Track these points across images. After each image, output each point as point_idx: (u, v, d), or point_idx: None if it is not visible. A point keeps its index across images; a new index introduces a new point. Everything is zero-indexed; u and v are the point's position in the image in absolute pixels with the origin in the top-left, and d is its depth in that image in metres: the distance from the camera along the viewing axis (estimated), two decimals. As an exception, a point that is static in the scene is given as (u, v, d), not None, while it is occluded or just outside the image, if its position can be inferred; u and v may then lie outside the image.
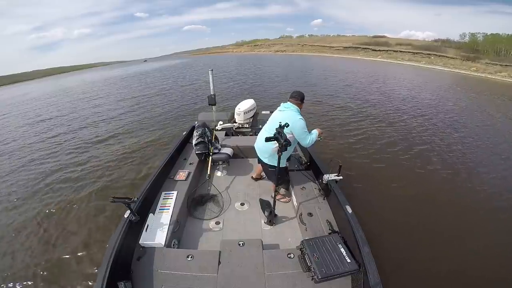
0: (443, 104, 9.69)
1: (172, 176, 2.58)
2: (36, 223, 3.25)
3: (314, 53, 69.21)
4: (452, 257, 2.55)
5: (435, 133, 6.29)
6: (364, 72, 21.97)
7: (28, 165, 5.18)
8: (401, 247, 2.62)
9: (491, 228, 3.01)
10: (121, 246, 1.54)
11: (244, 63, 33.93)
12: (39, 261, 2.64)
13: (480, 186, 3.89)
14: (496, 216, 3.22)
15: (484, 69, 29.04)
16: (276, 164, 2.07)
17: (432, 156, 4.91)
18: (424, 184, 3.95)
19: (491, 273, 2.38)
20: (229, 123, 3.88)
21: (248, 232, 2.13)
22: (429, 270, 2.39)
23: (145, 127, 7.18)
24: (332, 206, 2.10)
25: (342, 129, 6.38)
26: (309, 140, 2.09)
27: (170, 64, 42.63)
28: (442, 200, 3.52)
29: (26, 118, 10.09)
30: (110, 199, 1.63)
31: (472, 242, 2.77)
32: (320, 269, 1.43)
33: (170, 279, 1.51)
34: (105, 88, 17.98)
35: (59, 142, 6.51)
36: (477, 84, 18.65)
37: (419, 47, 48.81)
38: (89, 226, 3.11)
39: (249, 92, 11.77)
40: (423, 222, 3.05)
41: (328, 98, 10.15)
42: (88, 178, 4.32)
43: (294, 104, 2.16)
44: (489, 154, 5.11)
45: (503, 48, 37.74)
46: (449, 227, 2.98)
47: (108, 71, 44.70)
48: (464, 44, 45.73)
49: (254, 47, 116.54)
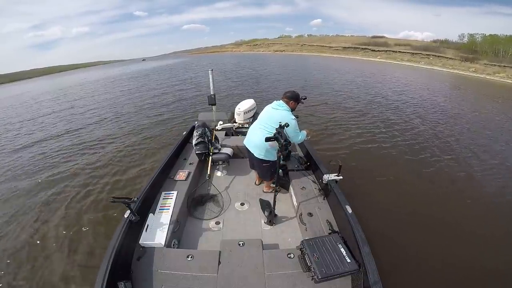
0: (445, 105, 9.70)
1: (172, 176, 2.58)
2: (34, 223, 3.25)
3: (313, 53, 69.23)
4: (453, 256, 2.56)
5: (436, 134, 6.30)
6: (365, 72, 22.00)
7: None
8: (402, 247, 2.62)
9: (495, 227, 3.01)
10: (121, 246, 1.54)
11: (244, 62, 33.91)
12: (38, 262, 2.64)
13: (485, 185, 3.91)
14: (501, 214, 3.24)
15: (483, 70, 29.16)
16: (270, 159, 2.24)
17: (432, 156, 4.93)
18: (425, 183, 3.97)
19: (492, 272, 2.39)
20: (229, 123, 3.88)
21: (248, 232, 2.13)
22: (430, 269, 2.40)
23: (145, 127, 7.17)
24: (332, 206, 2.10)
25: (342, 129, 6.39)
26: (300, 137, 2.32)
27: (169, 64, 42.48)
28: (443, 199, 3.53)
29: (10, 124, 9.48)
30: (110, 199, 1.63)
31: (474, 240, 2.78)
32: (320, 269, 1.43)
33: (170, 279, 1.51)
34: (102, 89, 17.92)
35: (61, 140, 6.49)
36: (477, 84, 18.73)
37: (418, 48, 48.92)
38: (89, 226, 3.10)
39: (249, 92, 11.78)
40: (424, 221, 3.05)
41: (329, 99, 10.16)
42: (88, 178, 4.31)
43: (287, 104, 2.23)
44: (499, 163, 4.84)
45: (502, 49, 37.88)
46: (450, 226, 2.99)
47: (106, 70, 44.47)
48: (463, 45, 45.87)
49: (253, 46, 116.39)
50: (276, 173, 1.98)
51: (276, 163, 2.16)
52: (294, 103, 2.28)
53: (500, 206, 3.42)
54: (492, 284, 2.33)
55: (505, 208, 3.40)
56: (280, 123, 1.81)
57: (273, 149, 2.15)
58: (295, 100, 2.28)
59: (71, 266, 2.54)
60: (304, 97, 2.41)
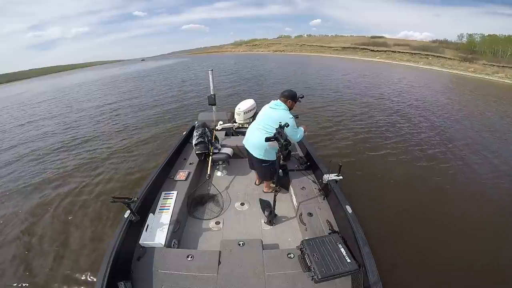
0: (445, 106, 9.70)
1: (172, 176, 2.58)
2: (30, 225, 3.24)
3: (312, 53, 69.30)
4: (453, 255, 2.57)
5: (437, 134, 6.30)
6: (365, 72, 22.02)
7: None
8: (402, 247, 2.63)
9: (496, 227, 3.02)
10: (121, 246, 1.54)
11: (243, 62, 33.90)
12: (37, 259, 2.63)
13: (485, 185, 3.91)
14: (502, 214, 3.25)
15: (482, 70, 29.26)
16: (270, 159, 2.24)
17: (433, 156, 4.94)
18: (426, 183, 3.97)
19: (492, 272, 2.40)
20: (229, 123, 3.88)
21: (248, 232, 2.13)
22: (430, 269, 2.40)
23: (143, 127, 7.16)
24: (332, 206, 2.10)
25: (343, 129, 6.39)
26: (299, 135, 2.31)
27: (168, 64, 42.43)
28: (444, 199, 3.54)
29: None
30: (110, 199, 1.63)
31: (475, 240, 2.79)
32: (320, 269, 1.43)
33: (170, 279, 1.51)
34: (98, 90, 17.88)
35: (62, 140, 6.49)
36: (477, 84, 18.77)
37: (417, 48, 49.04)
38: (88, 227, 3.10)
39: (249, 92, 11.77)
40: (424, 221, 3.06)
41: (329, 99, 10.17)
42: (88, 178, 4.30)
43: (284, 103, 2.24)
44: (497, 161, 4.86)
45: (500, 49, 37.99)
46: (450, 226, 2.99)
47: (104, 70, 44.35)
48: (462, 45, 46.02)
49: (253, 46, 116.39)
50: (276, 173, 1.98)
51: (275, 162, 2.17)
52: (291, 102, 2.29)
53: (501, 206, 3.42)
54: (492, 283, 2.33)
55: (506, 208, 3.40)
56: (280, 123, 1.81)
57: (272, 148, 2.16)
58: (293, 99, 2.29)
59: (71, 266, 2.54)
60: (302, 96, 2.41)
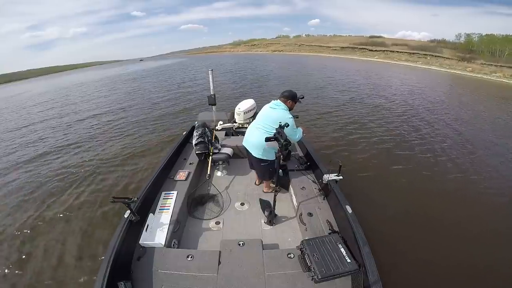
0: (446, 106, 9.73)
1: (172, 176, 2.57)
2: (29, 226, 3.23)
3: (311, 53, 69.36)
4: (454, 255, 2.58)
5: (438, 134, 6.32)
6: (365, 72, 22.06)
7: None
8: (402, 247, 2.63)
9: (496, 227, 3.03)
10: (121, 246, 1.54)
11: (242, 62, 33.84)
12: (37, 262, 2.62)
13: (485, 185, 3.93)
14: (502, 213, 3.26)
15: (480, 69, 29.38)
16: (269, 158, 2.24)
17: (433, 156, 4.95)
18: (426, 183, 3.98)
19: (492, 271, 2.41)
20: (229, 123, 3.88)
21: (248, 232, 2.13)
22: (430, 269, 2.41)
23: (144, 127, 7.14)
24: (332, 206, 2.10)
25: (343, 129, 6.40)
26: (298, 136, 2.33)
27: (167, 64, 42.32)
28: (444, 199, 3.55)
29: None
30: (110, 199, 1.63)
31: (475, 240, 2.80)
32: (320, 269, 1.44)
33: (170, 279, 1.51)
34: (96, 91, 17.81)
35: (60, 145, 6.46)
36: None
37: (415, 48, 49.20)
38: (88, 227, 3.09)
39: (248, 92, 11.77)
40: (424, 221, 3.07)
41: (328, 98, 10.19)
42: (86, 178, 4.29)
43: (284, 103, 2.25)
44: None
45: (498, 48, 38.15)
46: (451, 226, 3.00)
47: (103, 71, 44.22)
48: (460, 44, 46.22)
49: (251, 46, 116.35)
50: (276, 173, 1.98)
51: (274, 162, 2.19)
52: (291, 102, 2.29)
53: (501, 206, 3.44)
54: (492, 283, 2.34)
55: (506, 207, 3.41)
56: (280, 123, 1.81)
57: (271, 148, 2.16)
58: (293, 100, 2.29)
59: (71, 266, 2.53)
60: (302, 96, 2.42)
